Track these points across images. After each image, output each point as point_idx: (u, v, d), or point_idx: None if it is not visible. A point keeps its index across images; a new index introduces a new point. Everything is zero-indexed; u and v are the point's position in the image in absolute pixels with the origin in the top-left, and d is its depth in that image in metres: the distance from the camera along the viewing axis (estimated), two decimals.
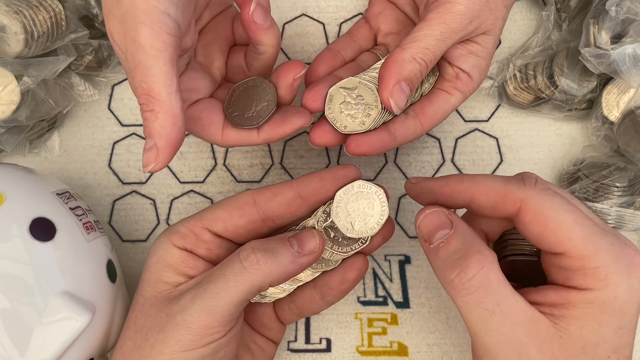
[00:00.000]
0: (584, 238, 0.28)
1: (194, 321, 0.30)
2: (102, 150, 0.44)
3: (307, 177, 0.34)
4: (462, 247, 0.30)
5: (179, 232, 0.34)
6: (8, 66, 0.38)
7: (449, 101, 0.37)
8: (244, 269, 0.31)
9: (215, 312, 0.30)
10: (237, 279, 0.31)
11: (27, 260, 0.32)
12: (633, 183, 0.39)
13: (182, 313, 0.30)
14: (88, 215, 0.36)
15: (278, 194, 0.34)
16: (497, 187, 0.30)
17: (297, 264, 0.32)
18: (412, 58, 0.34)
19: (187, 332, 0.30)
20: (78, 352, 0.33)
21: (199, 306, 0.30)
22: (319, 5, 0.45)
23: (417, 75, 0.34)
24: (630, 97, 0.39)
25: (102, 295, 0.35)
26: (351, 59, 0.40)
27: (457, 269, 0.29)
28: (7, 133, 0.39)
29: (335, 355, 0.42)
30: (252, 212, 0.34)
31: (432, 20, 0.34)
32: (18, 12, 0.37)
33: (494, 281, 0.29)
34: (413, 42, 0.34)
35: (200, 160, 0.44)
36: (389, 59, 0.34)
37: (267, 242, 0.32)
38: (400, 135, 0.36)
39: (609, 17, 0.38)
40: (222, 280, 0.31)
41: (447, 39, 0.34)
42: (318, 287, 0.36)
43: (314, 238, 0.33)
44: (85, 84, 0.43)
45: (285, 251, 0.32)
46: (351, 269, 0.36)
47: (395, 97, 0.34)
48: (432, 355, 0.42)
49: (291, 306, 0.37)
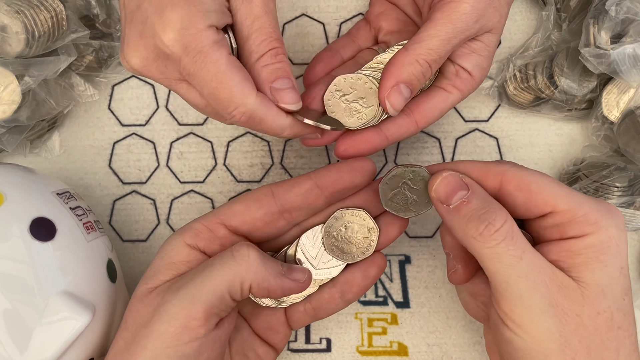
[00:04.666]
0: (567, 193, 0.31)
1: (176, 311, 0.30)
2: (102, 150, 0.44)
3: (324, 168, 0.35)
4: (483, 204, 0.31)
5: (193, 230, 0.34)
6: (9, 66, 0.38)
7: (447, 99, 0.37)
8: (232, 258, 0.31)
9: (198, 302, 0.30)
10: (222, 267, 0.31)
11: (27, 260, 0.32)
12: (633, 183, 0.39)
13: (166, 304, 0.30)
14: (88, 215, 0.37)
15: (296, 185, 0.34)
16: (477, 165, 0.33)
17: (279, 281, 0.33)
18: (415, 60, 0.34)
19: (169, 325, 0.30)
20: (78, 352, 0.33)
21: (182, 296, 0.30)
22: (319, 5, 0.45)
23: (418, 78, 0.34)
24: (630, 97, 0.39)
25: (102, 295, 0.35)
26: (350, 58, 0.40)
27: (484, 222, 0.30)
28: (8, 133, 0.39)
29: (335, 355, 0.42)
30: (271, 203, 0.34)
31: (438, 20, 0.34)
32: (19, 12, 0.38)
33: (517, 232, 0.30)
34: (417, 43, 0.34)
35: (200, 160, 0.44)
36: (391, 60, 0.34)
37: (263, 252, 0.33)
38: (392, 135, 0.36)
39: (609, 17, 0.38)
40: (208, 269, 0.31)
41: (453, 39, 0.34)
42: (338, 285, 0.36)
43: (303, 272, 0.34)
44: (86, 84, 0.43)
45: (275, 265, 0.33)
46: (372, 265, 0.36)
47: (392, 100, 0.34)
48: (432, 355, 0.42)
49: (307, 307, 0.37)
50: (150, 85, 0.45)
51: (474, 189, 0.32)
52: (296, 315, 0.37)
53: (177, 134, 0.44)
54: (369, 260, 0.36)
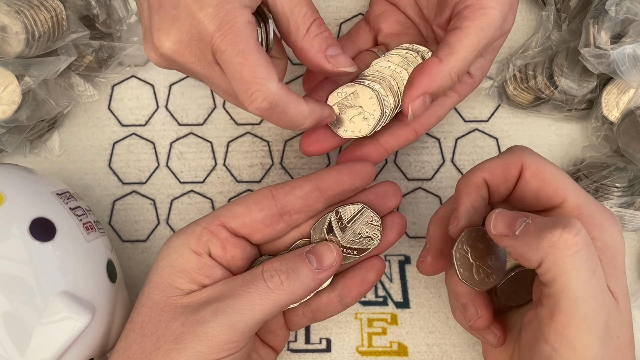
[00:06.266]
0: (577, 189, 0.31)
1: (215, 334, 0.30)
2: (102, 150, 0.44)
3: (324, 170, 0.35)
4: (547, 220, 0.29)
5: (195, 234, 0.34)
6: (9, 66, 0.38)
7: (445, 104, 0.37)
8: (269, 290, 0.32)
9: (237, 328, 0.31)
10: (261, 298, 0.31)
11: (27, 260, 0.32)
12: (633, 183, 0.39)
13: (204, 325, 0.31)
14: (88, 216, 0.37)
15: (296, 187, 0.34)
16: (496, 162, 0.33)
17: (317, 280, 0.33)
18: (448, 73, 0.32)
19: (206, 345, 0.30)
20: (78, 352, 0.33)
21: (222, 321, 0.31)
22: (319, 5, 0.45)
23: (445, 90, 0.33)
24: (630, 97, 0.39)
25: (102, 295, 0.35)
26: None
27: (558, 227, 0.28)
28: (8, 133, 0.39)
29: (335, 356, 0.42)
30: (271, 205, 0.34)
31: (469, 29, 0.32)
32: (19, 12, 0.38)
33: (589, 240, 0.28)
34: (451, 54, 0.32)
35: (200, 160, 0.44)
36: (425, 69, 0.33)
37: (288, 262, 0.33)
38: (391, 147, 0.37)
39: (609, 17, 0.38)
40: (246, 297, 0.31)
41: (482, 48, 0.33)
42: (337, 290, 0.36)
43: (331, 252, 0.34)
44: (86, 84, 0.43)
45: (306, 269, 0.33)
46: (371, 270, 0.36)
47: (415, 108, 0.33)
48: (432, 355, 0.42)
49: (305, 310, 0.37)
50: (150, 85, 0.45)
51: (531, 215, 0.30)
52: (294, 319, 0.37)
53: (177, 134, 0.44)
54: (367, 264, 0.36)
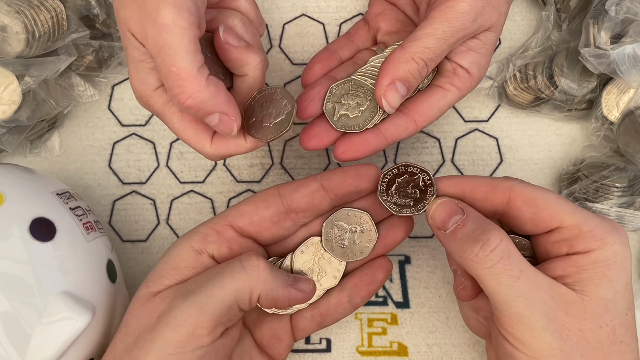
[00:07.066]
0: (573, 209, 0.31)
1: (184, 319, 0.30)
2: (102, 150, 0.44)
3: (330, 171, 0.35)
4: (478, 226, 0.32)
5: (200, 233, 0.34)
6: (9, 66, 0.38)
7: (445, 97, 0.36)
8: (242, 269, 0.31)
9: (206, 310, 0.30)
10: (233, 277, 0.31)
11: (27, 260, 0.32)
12: (633, 183, 0.39)
13: (174, 310, 0.30)
14: (88, 216, 0.37)
15: (302, 185, 0.35)
16: (485, 180, 0.33)
17: (286, 291, 0.33)
18: (410, 57, 0.34)
19: (175, 332, 0.30)
20: (78, 352, 0.33)
21: (191, 303, 0.30)
22: (319, 5, 0.45)
23: (414, 75, 0.34)
24: (630, 97, 0.39)
25: (102, 295, 0.35)
26: (348, 59, 0.40)
27: (479, 242, 0.30)
28: (9, 133, 0.39)
29: (335, 356, 0.42)
30: (277, 202, 0.34)
31: (434, 19, 0.34)
32: (19, 12, 0.38)
33: (513, 251, 0.31)
34: (413, 41, 0.34)
35: (200, 160, 0.44)
36: (388, 58, 0.34)
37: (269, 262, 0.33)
38: (391, 135, 0.36)
39: (609, 17, 0.38)
40: (217, 278, 0.31)
41: (449, 38, 0.34)
42: (346, 290, 0.36)
43: (307, 283, 0.35)
44: (86, 84, 0.43)
45: (282, 275, 0.33)
46: (380, 269, 0.37)
47: (388, 97, 0.34)
48: (432, 355, 0.42)
49: (314, 313, 0.37)
50: None
51: (469, 212, 0.33)
52: (302, 323, 0.37)
53: None
54: (376, 263, 0.37)
